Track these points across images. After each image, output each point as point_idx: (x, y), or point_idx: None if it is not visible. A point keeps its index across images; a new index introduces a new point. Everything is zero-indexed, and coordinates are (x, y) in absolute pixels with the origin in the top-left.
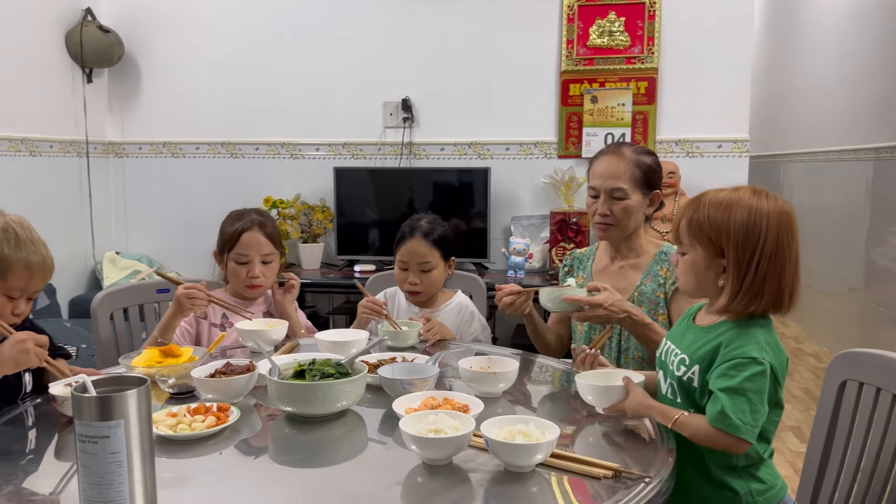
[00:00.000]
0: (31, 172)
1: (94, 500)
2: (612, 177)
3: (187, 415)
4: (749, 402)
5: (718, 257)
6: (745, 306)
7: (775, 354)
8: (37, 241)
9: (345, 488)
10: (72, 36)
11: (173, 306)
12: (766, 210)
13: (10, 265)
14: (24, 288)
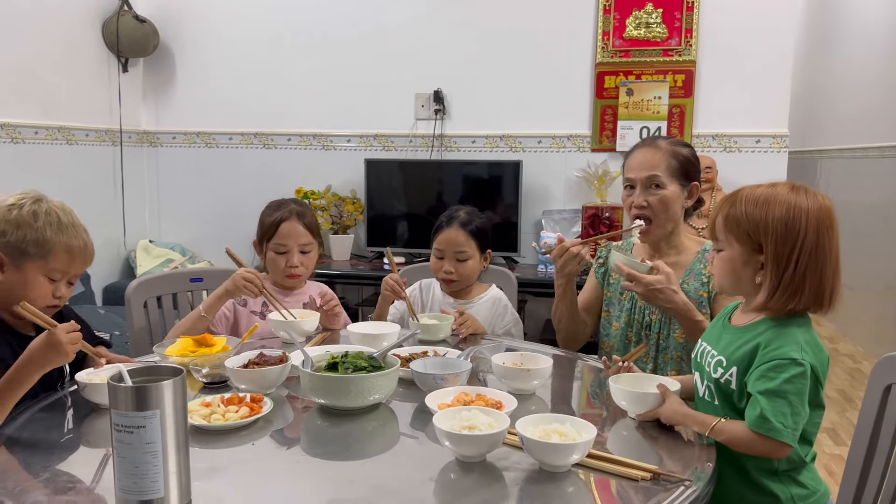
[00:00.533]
0: (68, 160)
1: (130, 490)
2: (647, 167)
3: (221, 405)
4: (790, 404)
5: (756, 254)
6: (783, 303)
7: (815, 354)
8: (78, 226)
9: (378, 482)
10: (108, 26)
11: (225, 286)
12: (805, 206)
13: (51, 248)
14: (64, 271)
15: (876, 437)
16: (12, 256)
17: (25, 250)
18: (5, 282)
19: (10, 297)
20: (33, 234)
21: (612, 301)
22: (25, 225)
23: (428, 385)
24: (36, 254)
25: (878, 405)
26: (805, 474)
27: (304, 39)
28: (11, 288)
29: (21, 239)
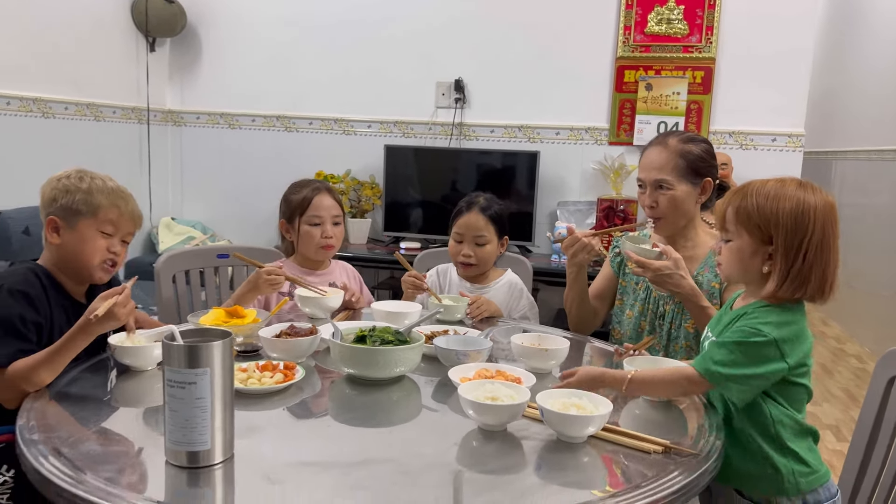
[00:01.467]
0: (95, 136)
1: (180, 441)
2: (655, 168)
3: (256, 371)
4: (730, 353)
5: (765, 245)
6: (791, 293)
7: (786, 331)
8: (123, 189)
9: (404, 447)
10: (137, 6)
11: (249, 284)
12: (813, 202)
13: (99, 204)
14: (115, 225)
15: (878, 427)
16: (65, 218)
17: (77, 209)
18: (64, 244)
19: (70, 258)
20: (81, 194)
21: (627, 290)
22: (74, 189)
23: (450, 360)
24: (87, 211)
25: (881, 396)
26: (807, 453)
27: (328, 25)
28: (70, 248)
29: (71, 201)
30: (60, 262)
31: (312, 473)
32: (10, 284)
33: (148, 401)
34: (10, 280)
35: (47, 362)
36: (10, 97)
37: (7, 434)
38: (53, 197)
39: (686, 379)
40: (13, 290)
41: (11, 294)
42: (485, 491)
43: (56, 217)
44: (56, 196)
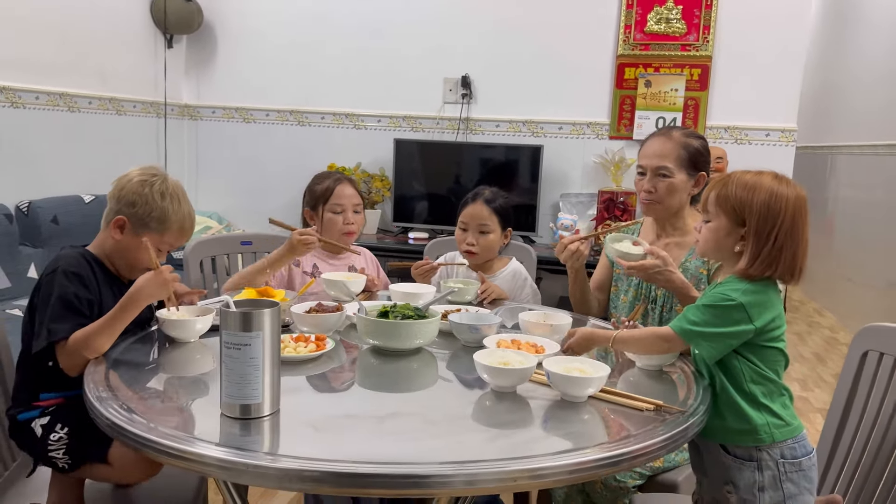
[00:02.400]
0: (116, 129)
1: (234, 396)
2: (658, 156)
3: (292, 342)
4: (702, 314)
5: (739, 227)
6: (762, 271)
7: (756, 299)
8: (190, 206)
9: (426, 406)
10: (156, 3)
11: (286, 247)
12: (785, 194)
13: (169, 226)
14: (172, 244)
15: (853, 395)
16: (134, 225)
17: (148, 224)
18: (122, 243)
19: (122, 255)
20: (158, 211)
21: (621, 277)
22: (153, 202)
23: (463, 334)
24: (155, 228)
25: (855, 369)
26: (781, 410)
27: (340, 23)
28: (125, 248)
29: (147, 214)
30: (112, 253)
31: (350, 423)
32: (64, 266)
33: (192, 369)
34: (64, 263)
35: (104, 329)
36: (39, 92)
37: (57, 398)
38: (133, 201)
39: (662, 337)
40: (67, 272)
41: (66, 275)
42: (497, 439)
43: (126, 219)
44: (135, 201)
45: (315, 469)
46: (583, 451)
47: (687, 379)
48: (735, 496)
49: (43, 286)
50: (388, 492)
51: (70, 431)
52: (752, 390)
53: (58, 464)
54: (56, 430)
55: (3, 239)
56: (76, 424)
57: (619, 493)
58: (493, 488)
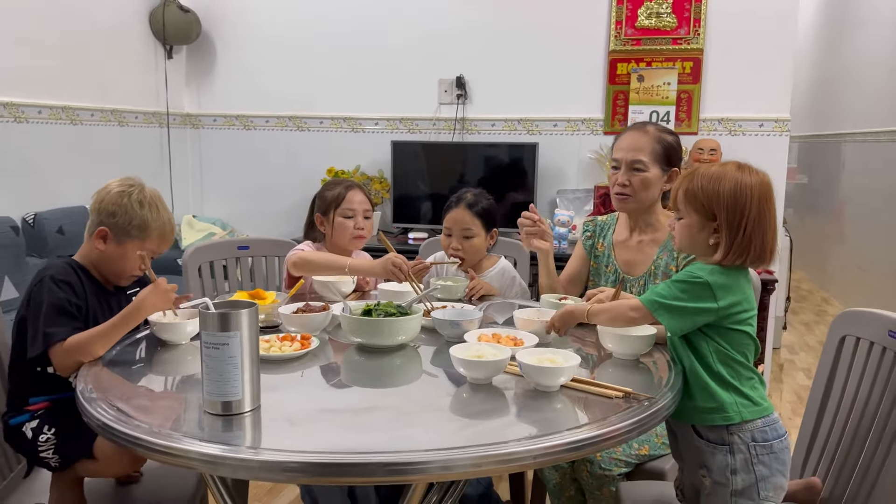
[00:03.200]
0: (120, 141)
1: (215, 393)
2: (634, 149)
3: (277, 341)
4: (669, 289)
5: (710, 221)
6: (733, 260)
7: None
8: (168, 213)
9: (404, 398)
10: (155, 15)
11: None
12: (749, 182)
13: (149, 233)
14: (155, 251)
15: (833, 378)
16: (116, 234)
17: (129, 232)
18: (106, 252)
19: (107, 264)
20: (138, 219)
21: (599, 272)
22: (132, 212)
23: (446, 330)
24: (137, 235)
25: (834, 352)
26: (749, 390)
27: (335, 29)
28: (110, 257)
29: (127, 222)
30: (97, 262)
31: (325, 417)
32: (52, 274)
33: (183, 369)
34: (52, 271)
35: (102, 337)
36: (42, 106)
37: (44, 402)
38: (112, 212)
39: (630, 307)
40: (56, 279)
41: (55, 282)
42: (470, 426)
43: (108, 229)
44: (115, 212)
45: (293, 461)
46: (550, 436)
47: (661, 367)
48: (709, 479)
49: (33, 295)
50: (363, 480)
51: (56, 432)
52: (719, 370)
53: (50, 463)
54: (44, 431)
55: (11, 250)
56: (62, 425)
57: (604, 480)
58: (459, 474)
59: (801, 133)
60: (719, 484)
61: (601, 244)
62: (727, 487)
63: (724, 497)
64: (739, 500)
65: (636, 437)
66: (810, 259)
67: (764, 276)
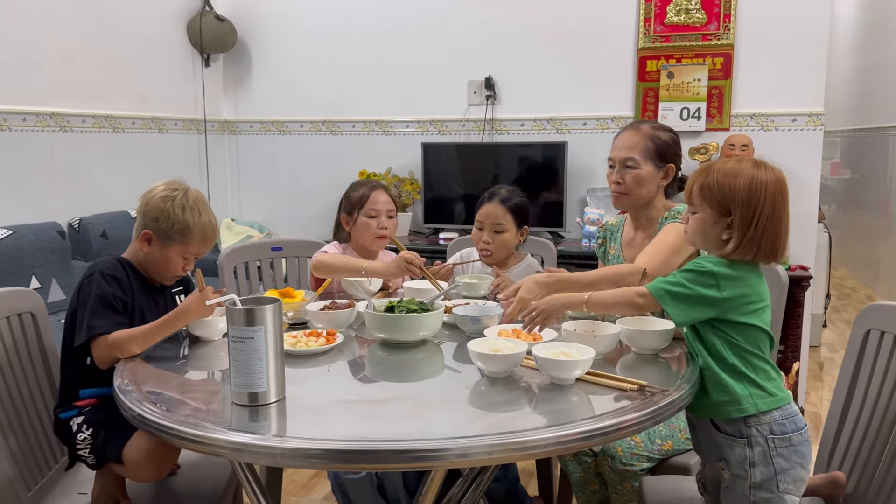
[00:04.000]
0: (159, 147)
1: (241, 385)
2: (625, 148)
3: (304, 337)
4: (675, 277)
5: (725, 216)
6: (742, 255)
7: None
8: (212, 215)
9: (423, 390)
10: (192, 25)
11: (392, 265)
12: (764, 179)
13: (192, 237)
14: (197, 254)
15: (858, 372)
16: (160, 238)
17: (171, 236)
18: (150, 254)
19: (151, 265)
20: (180, 224)
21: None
22: (174, 215)
23: (466, 326)
24: (180, 240)
25: (859, 347)
26: (765, 381)
27: (366, 34)
28: (154, 259)
29: (170, 227)
30: (143, 262)
31: (347, 408)
32: (101, 269)
33: (215, 364)
34: (102, 266)
35: (142, 338)
36: (86, 115)
37: (92, 398)
38: (156, 216)
39: (635, 293)
40: (105, 274)
41: (104, 277)
42: (486, 417)
43: (152, 233)
44: (159, 217)
45: (315, 448)
46: (563, 425)
47: (679, 363)
48: (728, 472)
49: (83, 287)
50: (381, 466)
51: (94, 433)
52: (733, 363)
53: (87, 461)
54: (83, 430)
55: (57, 254)
56: (100, 426)
57: (626, 475)
58: (472, 461)
59: (846, 127)
60: (738, 477)
61: (612, 247)
62: (746, 480)
63: (743, 490)
64: (758, 492)
65: (649, 428)
66: (855, 255)
67: (798, 273)
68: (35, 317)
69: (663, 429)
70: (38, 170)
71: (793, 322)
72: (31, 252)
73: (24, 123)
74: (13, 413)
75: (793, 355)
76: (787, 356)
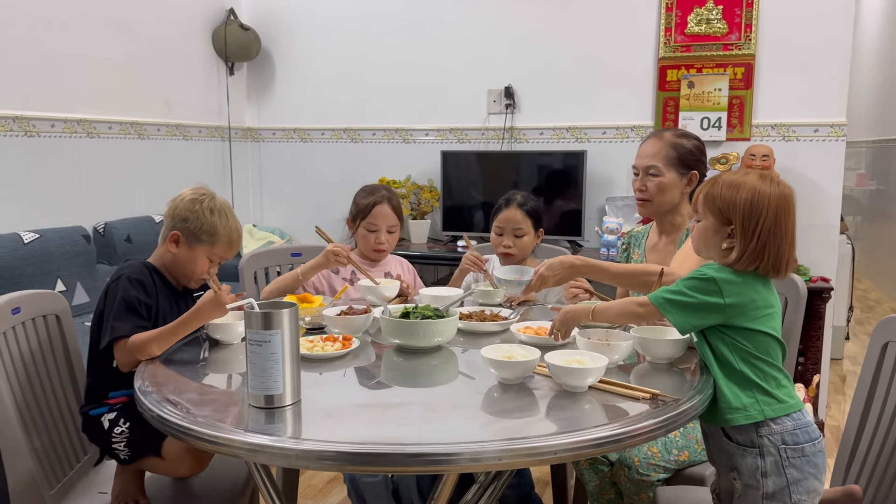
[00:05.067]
0: (184, 154)
1: (258, 387)
2: (648, 156)
3: (321, 342)
4: (678, 286)
5: (725, 226)
6: (746, 265)
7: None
8: (237, 221)
9: (435, 398)
10: (217, 34)
11: (319, 258)
12: (768, 192)
13: (219, 238)
14: (222, 256)
15: (875, 385)
16: (188, 238)
17: (199, 237)
18: (178, 255)
19: (178, 266)
20: (208, 225)
21: None
22: (204, 219)
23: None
24: (207, 241)
25: (877, 358)
26: (774, 389)
27: (387, 44)
28: (181, 260)
29: (198, 227)
30: (169, 265)
31: (360, 411)
32: (128, 273)
33: (233, 367)
34: (128, 270)
35: (160, 339)
36: (112, 122)
37: (123, 397)
38: (185, 217)
39: (637, 304)
40: (131, 279)
41: (130, 281)
42: (498, 422)
43: (180, 233)
44: (188, 217)
45: (328, 450)
46: (574, 432)
47: (693, 373)
48: (740, 482)
49: (109, 290)
50: (393, 469)
51: (131, 426)
52: (742, 369)
53: (119, 455)
54: (119, 424)
55: (82, 258)
56: (137, 421)
57: (642, 486)
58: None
59: (872, 137)
60: (750, 487)
61: (636, 253)
62: (758, 490)
63: (755, 500)
64: (771, 503)
65: (661, 437)
66: (880, 268)
67: (819, 284)
68: (60, 319)
69: (680, 439)
70: (64, 175)
71: (813, 334)
72: (57, 255)
73: (53, 129)
74: (37, 412)
75: (813, 367)
76: (807, 368)
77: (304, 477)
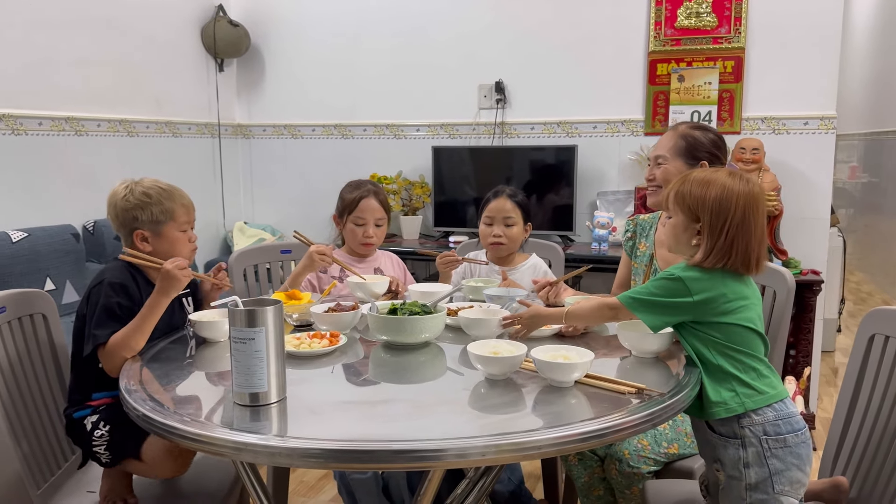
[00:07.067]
0: (174, 151)
1: (243, 385)
2: (659, 146)
3: (308, 339)
4: (646, 287)
5: (694, 222)
6: (715, 262)
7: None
8: (175, 187)
9: (421, 394)
10: (206, 30)
11: (304, 261)
12: (737, 189)
13: (171, 207)
14: (187, 218)
15: (862, 376)
16: (152, 229)
17: (158, 220)
18: (156, 250)
19: (162, 258)
20: (157, 207)
21: (638, 271)
22: (145, 203)
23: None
24: (166, 219)
25: (864, 350)
26: (754, 380)
27: (377, 39)
28: (162, 252)
29: (150, 214)
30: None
31: (346, 408)
32: (109, 278)
33: (219, 365)
34: (110, 274)
35: (137, 329)
36: (101, 119)
37: (106, 398)
38: (134, 216)
39: (607, 306)
40: (112, 283)
41: (111, 286)
42: (484, 418)
43: (142, 230)
44: (136, 214)
45: (314, 447)
46: (560, 427)
47: (679, 365)
48: (723, 473)
49: (91, 296)
50: (379, 466)
51: (111, 429)
52: (719, 363)
53: (101, 458)
54: (100, 427)
55: (72, 256)
56: (117, 423)
57: (633, 479)
58: (469, 461)
59: (864, 130)
60: (733, 478)
61: (643, 244)
62: (741, 481)
63: (738, 491)
64: (754, 493)
65: (647, 430)
66: (872, 260)
67: (809, 277)
68: (46, 318)
69: (669, 432)
70: (53, 173)
71: (804, 327)
72: (46, 254)
73: (40, 128)
74: (24, 412)
75: (804, 360)
76: (798, 361)
77: (295, 473)
